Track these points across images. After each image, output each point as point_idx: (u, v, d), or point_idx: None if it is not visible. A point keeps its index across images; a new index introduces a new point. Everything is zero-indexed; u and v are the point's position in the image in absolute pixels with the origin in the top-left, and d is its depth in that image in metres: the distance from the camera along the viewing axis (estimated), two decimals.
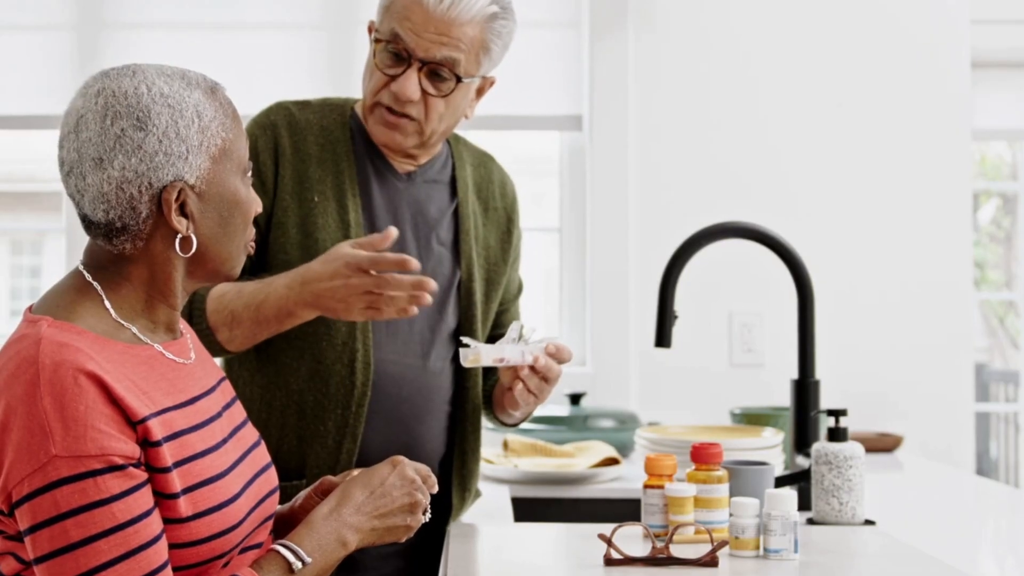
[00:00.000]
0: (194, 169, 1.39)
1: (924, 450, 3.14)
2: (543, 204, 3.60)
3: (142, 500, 1.31)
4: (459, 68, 1.89)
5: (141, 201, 1.37)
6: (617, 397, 3.15)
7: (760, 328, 3.20)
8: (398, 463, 1.57)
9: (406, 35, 1.87)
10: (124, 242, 1.40)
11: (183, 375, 1.45)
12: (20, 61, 3.23)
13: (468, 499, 2.08)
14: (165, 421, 1.36)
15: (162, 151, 1.36)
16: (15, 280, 8.55)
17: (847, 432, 1.98)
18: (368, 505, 1.52)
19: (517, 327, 1.88)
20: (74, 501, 1.27)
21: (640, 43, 3.23)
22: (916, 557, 1.73)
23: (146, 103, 1.37)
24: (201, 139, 1.39)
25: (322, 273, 1.77)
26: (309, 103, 2.02)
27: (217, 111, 1.42)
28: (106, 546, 1.28)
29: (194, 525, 1.36)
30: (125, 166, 1.36)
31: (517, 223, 2.13)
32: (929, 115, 3.25)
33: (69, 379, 1.29)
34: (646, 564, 1.64)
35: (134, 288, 1.42)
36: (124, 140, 1.36)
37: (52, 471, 1.27)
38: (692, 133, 3.23)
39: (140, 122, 1.36)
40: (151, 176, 1.37)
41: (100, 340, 1.35)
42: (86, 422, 1.28)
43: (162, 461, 1.33)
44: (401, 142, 1.94)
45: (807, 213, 3.21)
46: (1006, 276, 8.02)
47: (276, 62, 3.25)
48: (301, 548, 1.45)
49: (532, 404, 1.97)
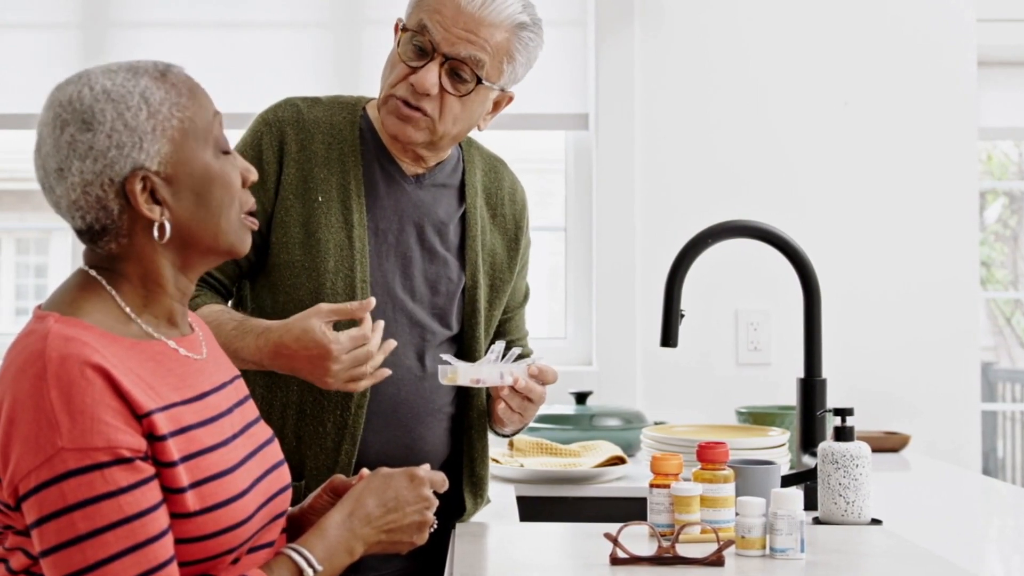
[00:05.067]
0: (153, 155, 1.37)
1: (931, 449, 3.14)
2: (549, 203, 3.60)
3: (150, 494, 1.31)
4: (482, 69, 1.88)
5: (109, 199, 1.37)
6: (623, 396, 3.14)
7: (766, 327, 3.19)
8: (416, 478, 1.57)
9: (434, 28, 1.87)
10: (109, 242, 1.40)
11: (193, 371, 1.45)
12: (26, 59, 3.23)
13: (480, 504, 2.08)
14: (172, 416, 1.36)
15: (113, 145, 1.36)
16: (20, 279, 8.57)
17: (853, 431, 1.98)
18: (379, 520, 1.53)
19: (498, 347, 1.88)
20: (81, 493, 1.27)
21: (646, 42, 3.23)
22: (923, 557, 1.73)
23: (88, 104, 1.37)
24: (153, 124, 1.38)
25: (296, 352, 1.73)
26: (319, 100, 2.01)
27: (168, 92, 1.40)
28: (113, 539, 1.28)
29: (201, 520, 1.36)
30: (83, 170, 1.36)
31: (526, 230, 2.12)
32: (935, 114, 3.24)
33: (76, 372, 1.29)
34: (652, 563, 1.64)
35: (133, 285, 1.42)
36: (75, 145, 1.36)
37: (59, 463, 1.27)
38: (698, 132, 3.23)
39: (86, 123, 1.36)
40: (109, 172, 1.36)
41: (107, 335, 1.35)
42: (93, 414, 1.28)
43: (168, 455, 1.33)
44: (412, 135, 1.92)
45: (813, 212, 3.20)
46: (1012, 275, 8.01)
47: (282, 61, 3.25)
48: (312, 554, 1.46)
49: (518, 422, 1.99)
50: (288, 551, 1.45)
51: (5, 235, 8.56)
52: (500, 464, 2.52)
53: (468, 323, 2.02)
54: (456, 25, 1.86)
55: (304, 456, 1.91)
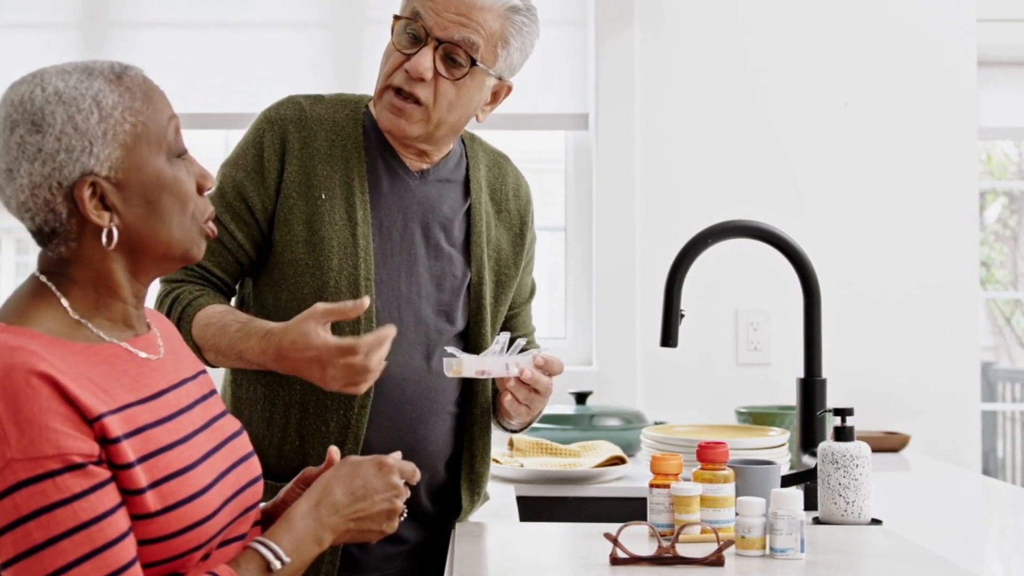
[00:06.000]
0: (103, 160, 1.35)
1: (931, 449, 3.14)
2: (549, 203, 3.60)
3: (105, 498, 1.29)
4: (476, 52, 1.89)
5: (57, 202, 1.35)
6: (623, 396, 3.14)
7: (766, 327, 3.19)
8: (384, 465, 1.56)
9: (427, 14, 1.87)
10: (58, 246, 1.38)
11: (148, 370, 1.43)
12: (26, 59, 3.21)
13: (477, 502, 2.08)
14: (126, 417, 1.34)
15: (63, 149, 1.34)
16: (20, 279, 8.55)
17: (853, 431, 1.98)
18: (347, 508, 1.52)
19: (503, 339, 1.88)
20: (34, 503, 1.26)
21: (646, 42, 3.23)
22: (923, 556, 1.73)
23: (39, 105, 1.35)
24: (104, 128, 1.36)
25: (297, 358, 1.73)
26: (322, 98, 2.01)
27: (122, 96, 1.38)
28: (70, 546, 1.27)
29: (163, 519, 1.34)
30: (31, 172, 1.34)
31: (531, 225, 2.12)
32: (935, 114, 3.24)
33: (21, 381, 1.27)
34: (652, 563, 1.64)
35: (83, 289, 1.40)
36: (24, 146, 1.34)
37: (10, 475, 1.26)
38: (698, 132, 3.23)
39: (36, 125, 1.34)
40: (58, 176, 1.34)
41: (55, 342, 1.34)
42: (41, 423, 1.26)
43: (123, 457, 1.32)
44: (406, 128, 1.92)
45: (813, 212, 3.20)
46: (1012, 275, 8.01)
47: (282, 61, 3.25)
48: (280, 546, 1.45)
49: (525, 415, 1.97)
50: (255, 544, 1.44)
51: (5, 235, 8.56)
52: (500, 464, 2.52)
53: (474, 319, 2.02)
54: (448, 10, 1.87)
55: (307, 455, 1.90)
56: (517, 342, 1.89)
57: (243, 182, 1.92)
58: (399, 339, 1.93)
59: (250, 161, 1.94)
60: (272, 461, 1.89)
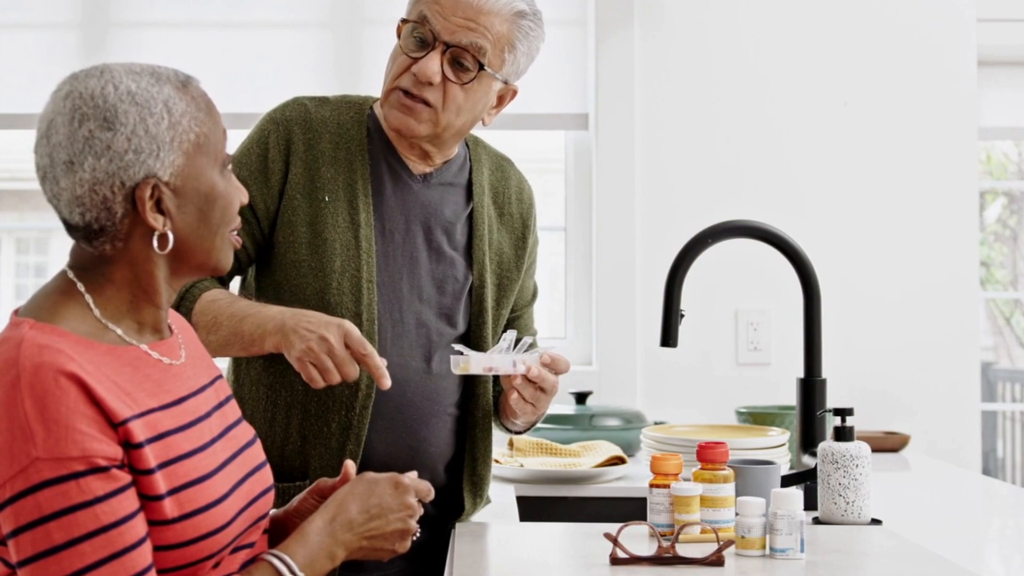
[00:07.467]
0: (167, 165, 1.37)
1: (931, 449, 3.14)
2: (549, 203, 3.60)
3: (126, 502, 1.30)
4: (484, 56, 1.89)
5: (115, 201, 1.36)
6: (623, 396, 3.14)
7: (766, 327, 3.19)
8: (400, 485, 1.56)
9: (434, 18, 1.88)
10: (104, 243, 1.38)
11: (170, 375, 1.43)
12: (26, 59, 3.23)
13: (479, 504, 2.08)
14: (149, 422, 1.35)
15: (132, 149, 1.35)
16: (20, 279, 8.56)
17: (853, 431, 1.98)
18: (361, 527, 1.53)
19: (510, 336, 1.88)
20: (57, 504, 1.26)
21: (646, 42, 3.23)
22: (923, 556, 1.73)
23: (113, 102, 1.35)
24: (172, 135, 1.37)
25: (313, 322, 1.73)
26: (327, 99, 2.01)
27: (189, 105, 1.40)
28: (89, 548, 1.27)
29: (180, 527, 1.35)
30: (96, 167, 1.35)
31: (533, 229, 2.12)
32: (935, 114, 3.24)
33: (50, 380, 1.27)
34: (652, 563, 1.64)
35: (118, 289, 1.40)
36: (93, 141, 1.35)
37: (34, 474, 1.26)
38: (698, 132, 3.23)
39: (108, 122, 1.35)
40: (122, 175, 1.35)
41: (83, 342, 1.34)
42: (68, 423, 1.27)
43: (145, 463, 1.32)
44: (414, 128, 1.92)
45: (813, 212, 3.20)
46: (1012, 275, 8.01)
47: (282, 61, 3.25)
48: (294, 560, 1.45)
49: (531, 413, 1.97)
50: (269, 557, 1.45)
51: (5, 235, 8.56)
52: (500, 464, 2.52)
53: (475, 323, 2.02)
54: (455, 14, 1.87)
55: (308, 456, 1.90)
56: (523, 340, 1.89)
57: (246, 181, 1.92)
58: (400, 341, 1.94)
59: (254, 161, 1.94)
60: (274, 461, 1.89)
